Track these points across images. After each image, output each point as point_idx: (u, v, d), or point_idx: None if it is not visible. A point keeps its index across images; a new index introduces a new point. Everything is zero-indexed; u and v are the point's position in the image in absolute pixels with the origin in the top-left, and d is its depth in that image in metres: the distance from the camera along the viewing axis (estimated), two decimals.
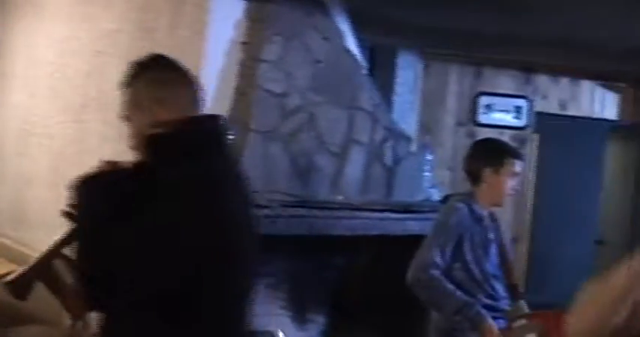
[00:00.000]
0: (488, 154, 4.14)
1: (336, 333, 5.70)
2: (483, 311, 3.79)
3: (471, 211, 4.02)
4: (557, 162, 7.18)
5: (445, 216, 4.05)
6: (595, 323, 1.71)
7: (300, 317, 5.53)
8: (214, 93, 4.64)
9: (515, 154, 4.18)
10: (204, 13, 4.63)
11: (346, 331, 5.61)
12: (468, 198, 4.09)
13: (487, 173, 4.05)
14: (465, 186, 6.03)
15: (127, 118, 2.39)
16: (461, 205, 4.01)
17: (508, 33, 6.33)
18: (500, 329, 3.79)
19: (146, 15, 5.07)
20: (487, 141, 4.58)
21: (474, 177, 4.12)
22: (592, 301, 1.72)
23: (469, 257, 3.97)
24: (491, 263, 4.08)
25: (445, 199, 4.35)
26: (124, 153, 4.90)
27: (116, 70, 5.07)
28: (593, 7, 5.33)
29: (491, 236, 4.11)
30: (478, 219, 4.05)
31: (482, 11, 5.65)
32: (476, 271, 3.97)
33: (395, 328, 5.62)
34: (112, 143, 5.10)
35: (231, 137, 4.26)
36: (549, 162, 7.23)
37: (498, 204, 4.17)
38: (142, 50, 4.89)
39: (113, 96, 4.98)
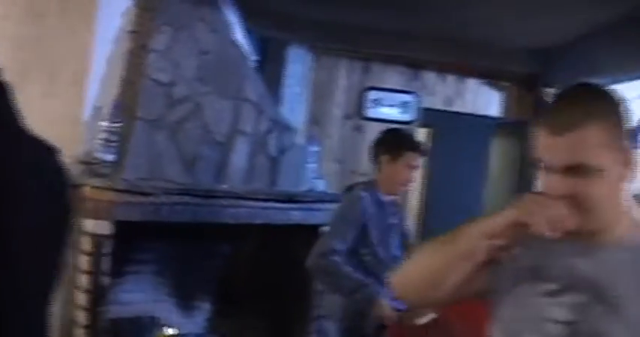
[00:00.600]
0: (388, 143, 4.28)
1: (222, 320, 5.78)
2: (377, 291, 3.93)
3: (374, 198, 4.16)
4: (444, 156, 7.36)
5: (348, 205, 4.19)
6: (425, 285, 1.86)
7: (185, 303, 5.60)
8: (102, 81, 4.67)
9: (414, 147, 4.30)
10: (94, 1, 4.64)
11: (232, 317, 5.70)
12: (371, 185, 4.24)
13: (385, 160, 4.19)
14: (352, 178, 6.17)
15: None
16: (364, 193, 4.14)
17: (396, 30, 6.49)
18: (400, 310, 3.93)
19: (34, 1, 5.02)
20: (391, 130, 4.70)
21: (375, 163, 4.27)
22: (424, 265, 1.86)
23: (375, 241, 4.12)
24: (395, 246, 4.24)
25: (349, 188, 4.47)
26: None
27: (5, 56, 5.02)
28: (479, 7, 5.51)
29: (394, 221, 4.27)
30: (381, 205, 4.19)
31: (371, 8, 5.80)
32: (382, 254, 4.12)
33: (280, 314, 5.74)
34: None
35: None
36: (436, 156, 7.39)
37: (393, 193, 4.29)
38: (31, 36, 4.91)
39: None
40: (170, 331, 5.33)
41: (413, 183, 4.48)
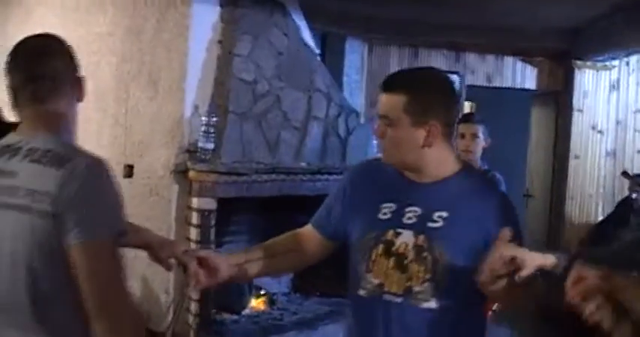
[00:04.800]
0: None
1: (304, 280, 6.25)
2: None
3: None
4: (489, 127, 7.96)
5: None
6: None
7: None
8: (198, 84, 5.23)
9: (460, 119, 4.77)
10: (186, 18, 5.20)
11: (312, 277, 6.05)
12: None
13: None
14: None
15: None
16: None
17: (440, 21, 7.09)
18: None
19: (134, 21, 5.61)
20: None
21: None
22: None
23: None
24: None
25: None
26: (119, 136, 5.51)
27: (109, 67, 5.62)
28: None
29: None
30: None
31: (418, 3, 6.36)
32: None
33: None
34: (107, 128, 5.78)
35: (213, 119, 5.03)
36: None
37: None
38: (132, 50, 5.57)
39: (108, 88, 5.36)
40: (262, 291, 5.86)
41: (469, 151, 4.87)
